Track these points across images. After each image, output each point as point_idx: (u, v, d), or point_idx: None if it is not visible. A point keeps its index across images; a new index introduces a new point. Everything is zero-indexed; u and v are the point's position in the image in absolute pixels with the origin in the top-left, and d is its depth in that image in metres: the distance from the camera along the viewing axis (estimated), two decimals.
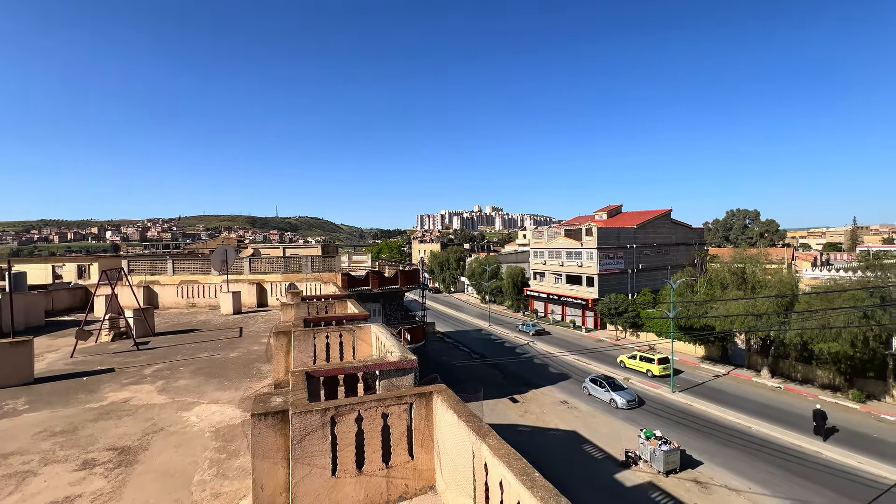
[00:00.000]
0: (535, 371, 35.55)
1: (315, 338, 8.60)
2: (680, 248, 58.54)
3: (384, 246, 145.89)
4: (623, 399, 27.32)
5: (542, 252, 59.25)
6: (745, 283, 33.04)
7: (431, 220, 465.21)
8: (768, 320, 29.37)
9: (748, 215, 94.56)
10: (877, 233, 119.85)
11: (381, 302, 29.77)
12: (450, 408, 4.53)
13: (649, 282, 52.92)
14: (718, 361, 36.47)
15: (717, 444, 22.30)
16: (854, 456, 20.58)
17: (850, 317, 24.95)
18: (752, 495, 17.86)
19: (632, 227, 53.84)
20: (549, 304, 58.15)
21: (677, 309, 32.96)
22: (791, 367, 31.44)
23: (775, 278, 32.54)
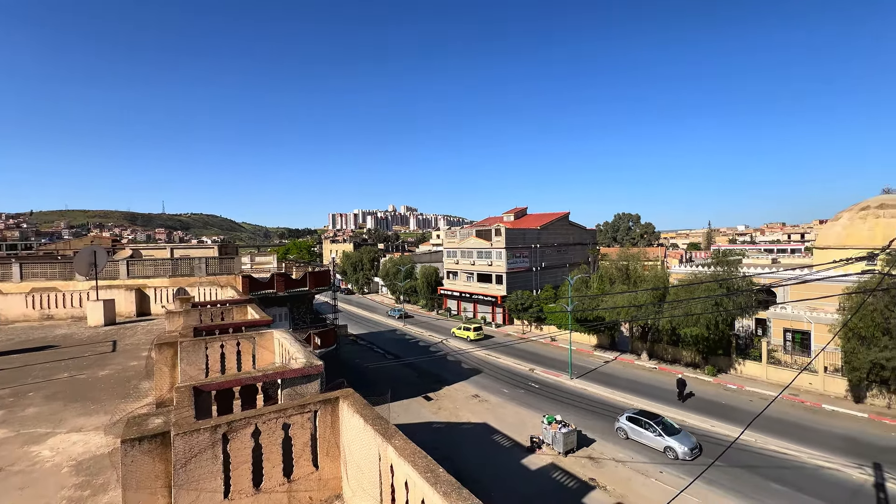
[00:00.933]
0: (448, 368, 36.39)
1: (207, 348, 7.78)
2: (576, 248, 64.48)
3: (292, 246, 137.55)
4: (684, 447, 20.49)
5: (455, 252, 60.90)
6: (628, 279, 37.54)
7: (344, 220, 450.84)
8: (646, 310, 33.73)
9: (631, 219, 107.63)
10: (725, 234, 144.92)
11: (288, 306, 28.05)
12: (356, 412, 4.42)
13: (551, 279, 57.42)
14: (608, 348, 40.92)
15: (608, 422, 24.99)
16: (708, 420, 24.60)
17: (706, 305, 29.77)
18: (633, 464, 20.37)
19: (536, 228, 57.92)
20: (461, 303, 59.97)
21: (574, 303, 36.24)
22: (664, 349, 36.50)
23: (651, 274, 37.51)
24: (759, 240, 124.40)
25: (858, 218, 33.86)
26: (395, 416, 26.59)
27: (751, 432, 22.17)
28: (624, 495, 18.01)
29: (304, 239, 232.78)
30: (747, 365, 31.94)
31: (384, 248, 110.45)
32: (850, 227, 34.13)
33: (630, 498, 17.81)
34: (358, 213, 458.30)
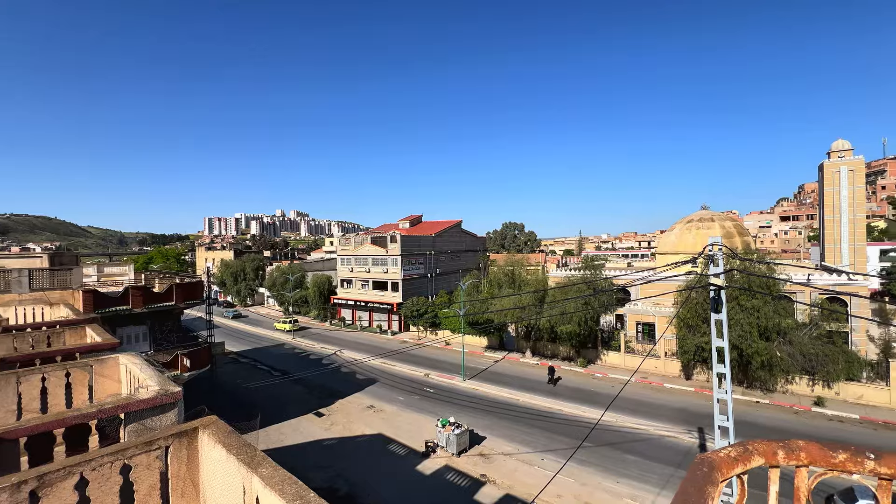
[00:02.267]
0: (342, 380, 34.95)
1: (20, 383, 6.22)
2: (469, 254, 67.63)
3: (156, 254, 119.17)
4: None
5: (350, 259, 59.11)
6: (514, 283, 40.54)
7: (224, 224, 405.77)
8: (529, 311, 36.77)
9: (517, 227, 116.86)
10: (592, 242, 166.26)
11: (149, 324, 24.14)
12: (218, 442, 3.92)
13: (445, 284, 59.20)
14: (497, 349, 43.57)
15: (496, 419, 26.49)
16: (580, 407, 27.68)
17: (577, 304, 33.61)
18: (519, 455, 21.90)
19: (431, 235, 59.27)
20: (356, 311, 58.31)
21: (466, 307, 37.85)
22: (544, 346, 40.16)
23: (533, 278, 41.12)
24: (618, 247, 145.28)
25: (686, 229, 41.69)
26: (281, 438, 24.58)
27: (612, 413, 25.52)
28: (511, 486, 19.22)
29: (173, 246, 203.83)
30: (610, 355, 36.84)
31: (271, 255, 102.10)
32: (680, 236, 41.82)
33: (517, 487, 19.07)
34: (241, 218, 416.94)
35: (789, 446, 1.13)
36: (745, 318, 27.26)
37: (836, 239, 44.08)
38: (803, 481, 1.15)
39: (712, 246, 12.25)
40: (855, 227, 43.37)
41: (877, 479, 1.12)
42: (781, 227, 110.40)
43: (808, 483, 1.14)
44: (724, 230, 39.43)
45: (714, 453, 1.14)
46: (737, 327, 26.76)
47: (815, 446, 1.12)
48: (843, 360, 27.29)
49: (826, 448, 1.12)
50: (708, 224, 40.62)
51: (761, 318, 27.19)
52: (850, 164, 43.37)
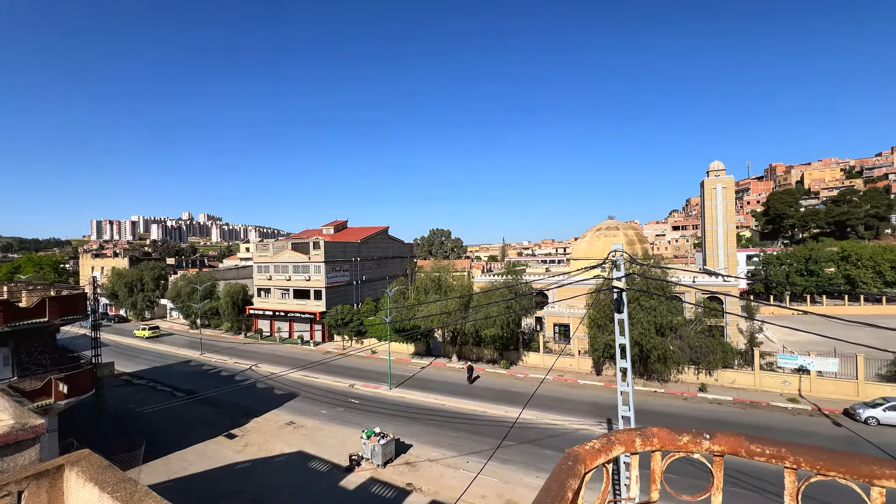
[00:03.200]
0: (258, 397, 32.52)
1: None
2: (396, 261, 67.14)
3: (26, 262, 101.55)
4: None
5: (268, 266, 55.48)
6: (440, 289, 41.05)
7: (117, 228, 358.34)
8: (455, 316, 37.44)
9: (444, 234, 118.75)
10: (514, 248, 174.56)
11: (12, 345, 20.40)
12: (90, 480, 3.39)
13: (371, 292, 58.08)
14: (424, 355, 43.66)
15: (423, 425, 26.45)
16: (503, 408, 28.70)
17: (500, 308, 34.95)
18: (445, 460, 22.06)
19: (356, 241, 57.87)
20: (275, 322, 54.81)
21: (393, 314, 37.46)
22: (470, 350, 41.11)
23: (459, 283, 42.03)
24: (537, 253, 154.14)
25: (595, 236, 45.53)
26: (185, 466, 22.13)
27: (532, 411, 26.84)
28: (437, 492, 19.27)
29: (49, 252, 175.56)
30: (530, 356, 38.79)
31: (176, 263, 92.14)
32: (591, 243, 45.57)
33: (442, 492, 19.15)
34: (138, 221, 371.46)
35: (645, 434, 1.26)
36: (645, 316, 30.44)
37: (714, 246, 51.07)
38: (657, 463, 1.28)
39: (615, 252, 13.55)
40: (728, 236, 50.63)
41: (712, 455, 1.27)
42: (673, 235, 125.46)
43: (661, 465, 1.27)
44: (628, 238, 43.76)
45: (580, 447, 1.23)
46: (638, 325, 29.75)
47: (665, 432, 1.26)
48: (720, 351, 31.61)
49: (673, 433, 1.26)
50: (614, 232, 44.77)
51: (658, 316, 30.55)
52: (723, 182, 50.65)
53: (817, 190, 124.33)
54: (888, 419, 24.27)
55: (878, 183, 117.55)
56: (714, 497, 1.26)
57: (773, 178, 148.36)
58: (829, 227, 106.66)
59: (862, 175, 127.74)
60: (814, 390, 29.59)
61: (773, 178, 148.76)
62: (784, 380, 30.53)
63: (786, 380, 30.49)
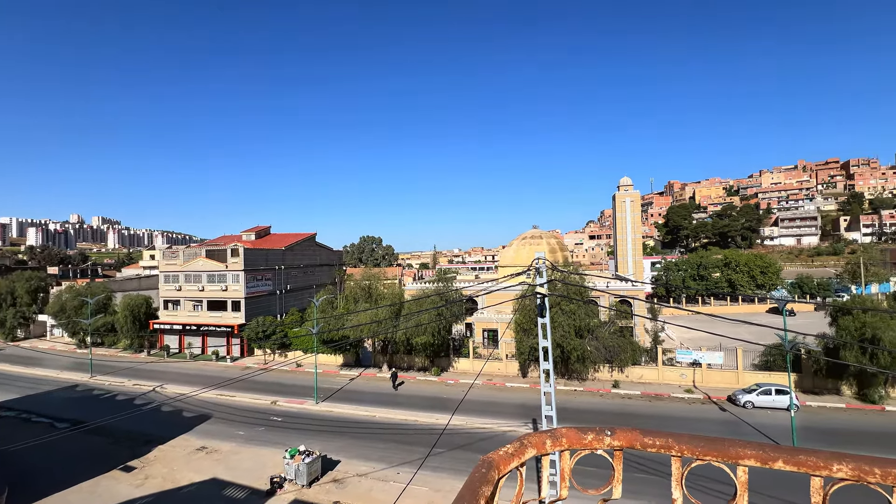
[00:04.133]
0: (163, 422, 29.16)
1: None
2: (324, 269, 64.63)
3: None
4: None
5: (178, 276, 50.30)
6: (371, 297, 40.24)
7: None
8: (385, 325, 36.90)
9: (375, 241, 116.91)
10: (445, 256, 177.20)
11: None
12: None
13: (297, 301, 55.21)
14: (354, 366, 42.35)
15: (352, 439, 25.56)
16: (434, 415, 28.76)
17: (431, 315, 35.14)
18: (375, 473, 21.50)
19: (280, 248, 54.76)
20: (185, 337, 49.74)
21: (320, 325, 35.92)
22: (401, 359, 40.70)
23: (390, 291, 41.56)
24: (467, 260, 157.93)
25: (521, 245, 47.82)
26: None
27: (462, 417, 27.21)
28: None
29: None
30: (461, 362, 39.41)
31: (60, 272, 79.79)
32: (517, 250, 47.74)
33: None
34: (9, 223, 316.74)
35: (554, 435, 1.33)
36: (566, 320, 32.50)
37: (625, 254, 56.25)
38: (566, 462, 1.36)
39: (538, 260, 14.36)
40: (635, 245, 56.07)
41: (613, 450, 1.38)
42: (590, 244, 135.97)
43: (569, 463, 1.35)
44: (550, 246, 46.55)
45: (494, 452, 1.27)
46: (559, 328, 31.66)
47: (573, 431, 1.35)
48: (630, 350, 34.70)
49: (580, 432, 1.35)
50: (538, 241, 47.36)
51: (577, 319, 32.79)
52: (631, 196, 56.13)
53: (705, 205, 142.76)
54: (760, 402, 28.32)
55: (751, 200, 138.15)
56: (615, 488, 1.37)
57: (672, 194, 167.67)
58: (715, 238, 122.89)
59: (738, 193, 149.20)
60: (705, 381, 33.63)
61: (672, 193, 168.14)
62: (682, 373, 34.34)
63: (683, 373, 34.31)
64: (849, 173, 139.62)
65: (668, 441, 1.35)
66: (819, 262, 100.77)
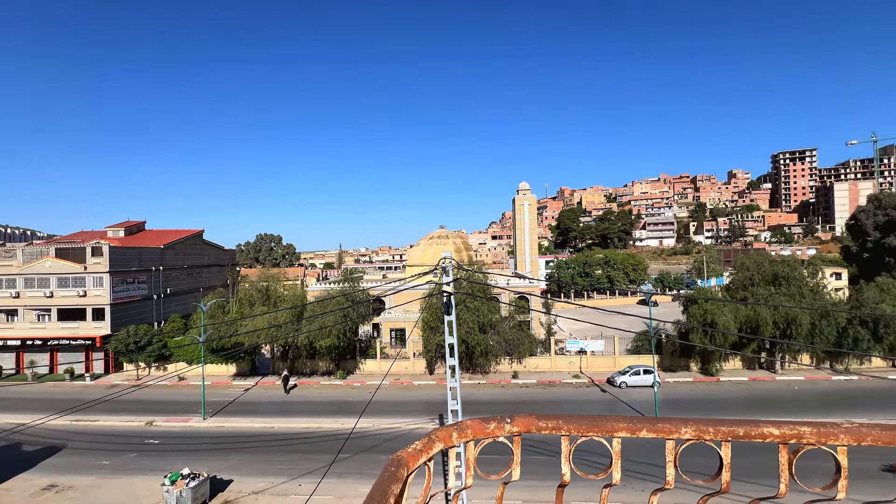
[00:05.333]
0: None
1: None
2: (213, 270, 58.29)
3: None
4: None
5: (15, 280, 41.12)
6: (269, 300, 37.39)
7: None
8: (286, 329, 34.62)
9: (274, 239, 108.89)
10: (352, 255, 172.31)
11: None
12: None
13: (180, 307, 48.95)
14: (249, 375, 38.94)
15: (248, 454, 23.50)
16: (339, 420, 27.75)
17: (337, 317, 33.90)
18: (274, 488, 20.06)
19: (158, 247, 48.02)
20: (25, 354, 40.86)
21: (208, 332, 32.36)
22: (303, 364, 38.55)
23: (291, 293, 39.06)
24: (375, 259, 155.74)
25: (428, 244, 48.61)
26: None
27: (369, 419, 26.74)
28: None
29: None
30: (368, 363, 38.69)
31: None
32: (424, 250, 48.41)
33: None
34: None
35: (460, 427, 1.40)
36: (470, 316, 33.89)
37: (523, 253, 60.53)
38: (471, 452, 1.44)
39: (444, 259, 14.77)
40: (532, 245, 60.69)
41: (512, 436, 1.49)
42: (493, 244, 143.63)
43: (474, 453, 1.43)
44: (456, 246, 48.10)
45: (403, 450, 1.29)
46: (464, 325, 32.89)
47: (477, 422, 1.42)
48: (527, 342, 37.47)
49: (483, 422, 1.43)
50: (444, 240, 48.60)
51: (480, 316, 34.40)
52: (528, 200, 60.61)
53: (591, 210, 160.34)
54: (632, 382, 32.74)
55: (626, 207, 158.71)
56: (514, 471, 1.48)
57: (563, 199, 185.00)
58: (598, 239, 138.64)
59: (616, 200, 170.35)
60: (590, 367, 37.77)
61: (563, 198, 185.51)
62: (570, 361, 38.13)
63: (572, 360, 38.12)
64: (696, 186, 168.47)
65: (558, 423, 1.50)
66: (675, 261, 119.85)
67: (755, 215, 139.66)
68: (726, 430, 1.48)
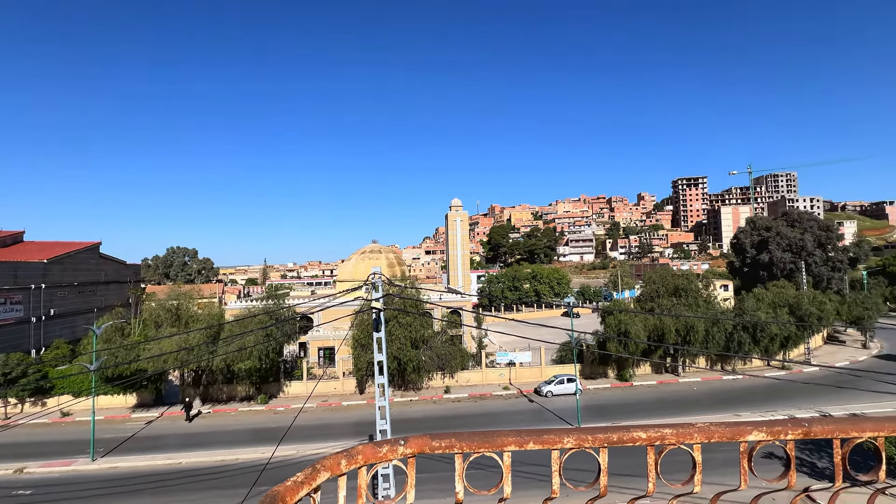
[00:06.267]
0: None
1: None
2: (112, 287, 51.69)
3: None
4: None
5: None
6: (179, 320, 33.90)
7: None
8: (199, 352, 31.53)
9: (188, 253, 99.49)
10: (278, 271, 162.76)
11: None
12: None
13: (67, 330, 42.53)
14: (153, 405, 34.67)
15: (148, 498, 20.76)
16: (258, 449, 25.59)
17: (258, 337, 31.62)
18: None
19: (40, 261, 41.56)
20: None
21: (102, 358, 28.44)
22: (219, 390, 35.25)
23: (207, 312, 35.80)
24: (303, 275, 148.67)
25: (360, 259, 47.55)
26: None
27: (293, 445, 25.09)
28: None
29: None
30: (293, 385, 36.42)
31: None
32: (356, 265, 47.24)
33: None
34: None
35: (350, 454, 1.36)
36: (403, 332, 33.49)
37: (456, 268, 61.55)
38: (363, 478, 1.40)
39: (374, 275, 14.51)
40: (465, 260, 62.00)
41: (406, 458, 1.48)
42: (426, 259, 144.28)
43: (366, 478, 1.40)
44: (389, 261, 47.58)
45: (281, 484, 1.23)
46: (396, 341, 32.42)
47: (369, 447, 1.40)
48: (459, 356, 37.83)
49: (375, 446, 1.41)
50: (377, 255, 47.88)
51: (413, 331, 34.13)
52: (461, 216, 62.07)
53: (519, 227, 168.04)
54: (557, 391, 34.36)
55: (551, 224, 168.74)
56: (409, 493, 1.47)
57: (493, 216, 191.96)
58: (526, 254, 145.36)
59: (542, 218, 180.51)
60: (519, 378, 39.02)
61: (494, 215, 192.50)
62: (500, 373, 39.11)
63: (501, 373, 39.13)
64: (611, 207, 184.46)
65: (451, 441, 1.52)
66: (594, 275, 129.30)
67: (660, 234, 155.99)
68: (602, 437, 1.61)
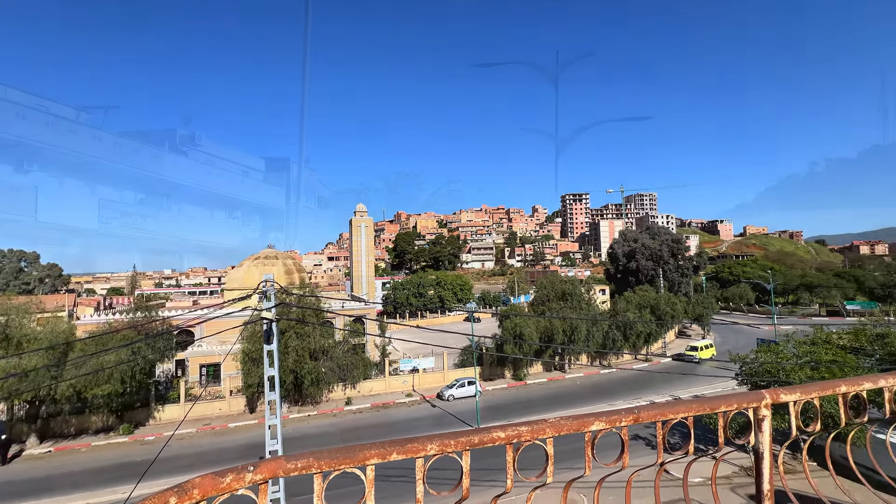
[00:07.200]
0: None
1: None
2: None
3: None
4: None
5: None
6: (8, 340, 27.46)
7: None
8: (38, 377, 25.85)
9: (26, 257, 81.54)
10: (151, 278, 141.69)
11: None
12: None
13: None
14: None
15: None
16: (117, 490, 21.78)
17: (122, 355, 27.06)
18: None
19: None
20: None
21: None
22: (65, 423, 29.29)
23: (51, 328, 29.53)
24: (184, 283, 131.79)
25: (253, 265, 43.74)
26: None
27: (161, 480, 21.82)
28: None
29: None
30: (167, 409, 31.84)
31: None
32: (248, 272, 43.32)
33: None
34: None
35: (182, 489, 1.21)
36: (300, 343, 31.49)
37: (360, 275, 60.02)
38: None
39: (265, 282, 13.41)
40: (369, 267, 60.80)
41: (258, 485, 1.35)
42: (329, 265, 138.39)
43: None
44: (286, 267, 44.55)
45: None
46: (293, 353, 30.36)
47: (208, 478, 1.25)
48: (362, 366, 36.82)
49: (216, 476, 1.26)
50: (273, 261, 44.51)
51: (312, 342, 32.30)
52: (366, 222, 60.90)
53: (425, 234, 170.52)
54: (458, 394, 35.34)
55: (455, 232, 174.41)
56: None
57: (399, 223, 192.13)
58: (431, 261, 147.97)
59: (447, 226, 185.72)
60: (422, 384, 39.27)
61: (399, 222, 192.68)
62: (404, 380, 38.97)
63: (405, 380, 39.01)
64: (510, 217, 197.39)
65: (308, 461, 1.44)
66: (494, 281, 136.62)
67: (552, 243, 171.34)
68: (464, 440, 1.67)
